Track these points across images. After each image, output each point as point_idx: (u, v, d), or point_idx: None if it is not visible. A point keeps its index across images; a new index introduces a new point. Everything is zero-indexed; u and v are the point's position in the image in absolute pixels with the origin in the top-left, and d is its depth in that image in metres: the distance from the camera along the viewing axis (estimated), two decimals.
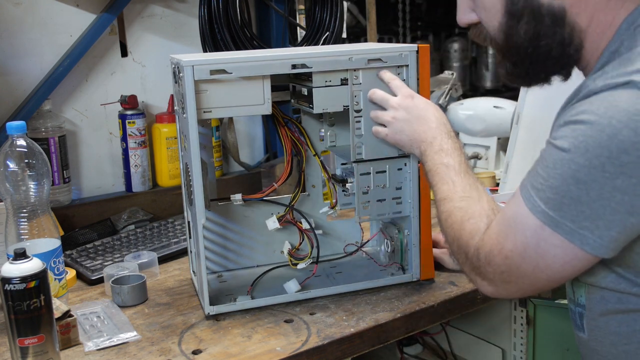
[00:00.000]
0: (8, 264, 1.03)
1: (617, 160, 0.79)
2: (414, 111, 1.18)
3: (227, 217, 1.45)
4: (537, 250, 0.87)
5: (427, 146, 1.14)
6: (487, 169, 2.14)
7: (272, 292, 1.32)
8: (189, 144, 1.19)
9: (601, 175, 0.80)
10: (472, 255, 0.96)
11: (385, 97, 1.22)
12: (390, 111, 1.21)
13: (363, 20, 3.77)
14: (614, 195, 0.80)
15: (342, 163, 1.40)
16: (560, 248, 0.85)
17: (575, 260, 0.85)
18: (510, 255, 0.90)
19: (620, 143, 0.78)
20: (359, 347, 1.18)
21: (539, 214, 0.85)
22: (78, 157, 1.82)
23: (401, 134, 1.19)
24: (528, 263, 0.88)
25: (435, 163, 1.12)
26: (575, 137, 0.81)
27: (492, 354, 1.63)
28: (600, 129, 0.79)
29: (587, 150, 0.80)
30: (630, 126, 0.78)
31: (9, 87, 1.69)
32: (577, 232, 0.83)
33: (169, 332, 1.20)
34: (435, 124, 1.16)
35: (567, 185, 0.82)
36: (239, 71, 1.18)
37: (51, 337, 1.05)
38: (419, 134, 1.16)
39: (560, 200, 0.83)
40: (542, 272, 0.88)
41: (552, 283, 0.91)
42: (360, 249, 1.49)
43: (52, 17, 1.72)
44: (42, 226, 1.28)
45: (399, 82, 1.22)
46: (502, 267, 0.91)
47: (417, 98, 1.20)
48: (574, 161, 0.81)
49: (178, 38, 1.91)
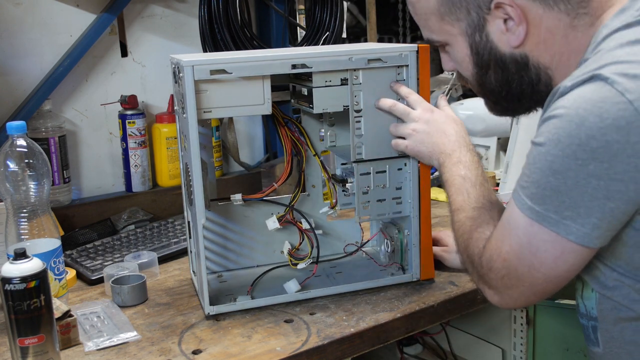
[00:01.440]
0: (8, 264, 1.03)
1: (587, 146, 0.81)
2: (434, 124, 1.21)
3: (227, 217, 1.45)
4: (530, 248, 0.89)
5: (445, 158, 1.18)
6: (487, 169, 2.13)
7: (272, 292, 1.32)
8: (189, 144, 1.19)
9: (574, 163, 0.82)
10: (477, 264, 0.99)
11: (407, 110, 1.24)
12: (410, 124, 1.23)
13: (363, 20, 3.77)
14: (589, 182, 0.82)
15: (342, 163, 1.40)
16: (549, 243, 0.87)
17: (566, 254, 0.87)
18: (508, 257, 0.92)
19: (587, 130, 0.81)
20: (359, 347, 1.18)
21: (527, 211, 0.88)
22: (78, 157, 1.82)
23: (421, 145, 1.22)
24: (524, 263, 0.90)
25: (452, 174, 1.15)
26: (549, 131, 0.85)
27: (492, 354, 1.63)
28: (569, 119, 0.83)
29: (560, 140, 0.83)
30: (594, 112, 0.81)
31: (9, 87, 1.69)
32: (561, 222, 0.85)
33: (169, 332, 1.20)
34: (454, 137, 1.19)
35: (546, 177, 0.85)
36: (239, 71, 1.18)
37: (51, 337, 1.05)
38: (439, 146, 1.20)
39: (542, 192, 0.86)
40: (538, 271, 0.90)
41: (551, 284, 0.91)
42: (360, 249, 1.49)
43: (52, 17, 1.72)
44: (42, 226, 1.28)
45: (416, 96, 1.25)
46: (502, 271, 0.93)
47: (436, 111, 1.23)
48: (549, 153, 0.85)
49: (178, 38, 1.91)
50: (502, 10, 0.95)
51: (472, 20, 0.99)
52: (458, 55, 1.04)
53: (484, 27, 0.98)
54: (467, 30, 1.00)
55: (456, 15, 1.00)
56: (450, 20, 1.01)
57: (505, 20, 0.96)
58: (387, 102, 1.25)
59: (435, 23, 1.03)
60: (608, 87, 0.81)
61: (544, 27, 0.95)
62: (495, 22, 0.97)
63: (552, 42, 0.96)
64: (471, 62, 1.03)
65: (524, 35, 0.96)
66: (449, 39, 1.03)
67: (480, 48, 1.00)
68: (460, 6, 0.98)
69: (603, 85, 0.82)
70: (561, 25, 0.94)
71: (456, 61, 1.06)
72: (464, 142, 1.19)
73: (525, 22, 0.95)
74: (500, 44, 0.98)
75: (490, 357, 1.64)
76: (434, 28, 1.04)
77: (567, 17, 0.94)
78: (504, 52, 0.99)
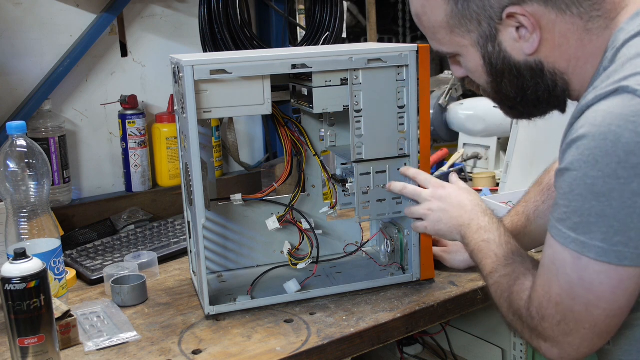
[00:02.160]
0: (8, 264, 1.03)
1: (627, 163, 0.78)
2: (447, 200, 1.22)
3: (227, 217, 1.45)
4: (582, 284, 0.84)
5: (466, 229, 1.17)
6: (487, 169, 2.14)
7: (272, 292, 1.32)
8: (189, 144, 1.19)
9: (617, 182, 0.79)
10: (526, 317, 0.93)
11: (417, 192, 1.25)
12: (424, 204, 1.24)
13: (363, 20, 3.77)
14: (636, 201, 0.79)
15: (342, 163, 1.40)
16: (603, 274, 0.82)
17: (624, 282, 0.82)
18: (560, 300, 0.87)
19: (625, 146, 0.78)
20: (359, 347, 1.18)
21: (572, 244, 0.84)
22: (78, 157, 1.82)
23: (439, 223, 1.22)
24: (579, 302, 0.85)
25: (476, 242, 1.13)
26: (581, 154, 0.81)
27: (492, 354, 1.63)
28: (602, 137, 0.79)
29: (597, 161, 0.80)
30: (630, 128, 0.78)
31: (9, 87, 1.69)
32: (612, 250, 0.81)
33: (169, 332, 1.20)
34: (470, 207, 1.19)
35: (589, 203, 0.81)
36: (239, 71, 1.18)
37: (51, 337, 1.05)
38: (457, 220, 1.19)
39: (587, 220, 0.82)
40: (597, 307, 0.84)
41: (615, 320, 0.86)
42: (360, 249, 1.49)
43: (52, 17, 1.72)
44: (42, 226, 1.28)
45: (425, 175, 1.26)
46: (556, 317, 0.88)
47: (447, 187, 1.24)
48: (588, 176, 0.81)
49: (178, 38, 1.91)
50: (515, 20, 0.92)
51: (484, 31, 0.96)
52: (470, 65, 1.01)
53: (496, 37, 0.95)
54: (479, 41, 0.97)
55: (467, 27, 0.97)
56: (460, 32, 0.98)
57: (517, 28, 0.93)
58: (397, 185, 1.27)
59: (444, 36, 1.00)
60: (638, 100, 0.78)
61: (558, 32, 0.92)
62: (507, 31, 0.94)
63: (567, 47, 0.93)
64: (485, 72, 1.00)
65: (538, 43, 0.93)
66: (460, 50, 1.00)
67: (494, 58, 0.97)
68: (471, 18, 0.95)
69: (632, 98, 0.79)
70: (575, 29, 0.92)
71: (469, 70, 1.03)
72: (479, 209, 1.18)
73: (539, 29, 0.92)
74: (513, 53, 0.95)
75: (490, 357, 1.64)
76: (443, 41, 1.01)
77: (581, 20, 0.91)
78: (518, 60, 0.96)
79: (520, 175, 1.79)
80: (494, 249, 1.09)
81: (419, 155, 1.30)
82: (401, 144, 1.29)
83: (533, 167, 1.77)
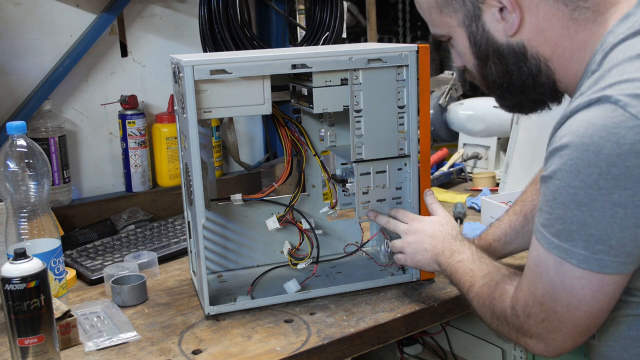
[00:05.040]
0: (8, 264, 1.03)
1: (608, 174, 0.79)
2: (422, 233, 1.25)
3: (227, 217, 1.45)
4: (564, 288, 0.86)
5: (440, 257, 1.20)
6: (487, 169, 2.14)
7: (272, 292, 1.32)
8: (189, 144, 1.19)
9: (598, 192, 0.80)
10: (511, 317, 0.95)
11: (397, 226, 1.29)
12: (403, 237, 1.27)
13: (363, 20, 3.77)
14: (617, 211, 0.80)
15: (342, 163, 1.40)
16: (584, 279, 0.84)
17: (604, 287, 0.84)
18: (544, 300, 0.89)
19: (606, 157, 0.79)
20: (359, 347, 1.18)
21: (555, 250, 0.86)
22: (78, 157, 1.82)
23: (417, 255, 1.25)
24: (561, 304, 0.87)
25: (451, 265, 1.16)
26: (564, 163, 0.82)
27: (492, 354, 1.63)
28: (584, 148, 0.80)
29: (579, 172, 0.81)
30: (611, 140, 0.79)
31: (9, 87, 1.69)
32: (593, 257, 0.83)
33: (169, 332, 1.20)
34: (441, 237, 1.22)
35: (571, 212, 0.83)
36: (239, 71, 1.18)
37: (51, 337, 1.05)
38: (431, 250, 1.22)
39: (569, 228, 0.83)
40: (578, 310, 0.86)
41: (595, 320, 0.88)
42: (360, 249, 1.49)
43: (52, 17, 1.72)
44: (42, 226, 1.28)
45: (402, 211, 1.30)
46: (540, 315, 0.90)
47: (423, 220, 1.26)
48: (570, 185, 0.82)
49: (178, 38, 1.91)
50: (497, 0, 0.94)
51: (468, 10, 0.98)
52: (460, 47, 1.04)
53: (479, 17, 0.98)
54: (465, 21, 0.99)
55: (453, 6, 0.99)
56: (448, 12, 1.01)
57: (500, 9, 0.95)
58: (382, 219, 1.30)
59: (436, 16, 1.03)
60: (621, 111, 0.79)
61: (542, 15, 0.93)
62: (490, 12, 0.96)
63: (551, 33, 0.94)
64: (472, 54, 1.02)
65: (518, 23, 0.94)
66: (450, 31, 1.03)
67: (478, 38, 0.99)
68: None
69: (615, 109, 0.79)
70: (560, 15, 0.93)
71: (460, 54, 1.05)
72: (450, 237, 1.21)
73: (519, 8, 0.94)
74: (496, 34, 0.97)
75: (490, 357, 1.64)
76: (436, 22, 1.04)
77: (566, 8, 0.92)
78: (501, 42, 0.97)
79: (520, 175, 1.79)
80: (469, 265, 1.12)
81: (419, 155, 1.30)
82: (401, 144, 1.29)
83: (533, 167, 1.77)
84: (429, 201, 1.30)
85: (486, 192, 1.85)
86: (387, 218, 1.30)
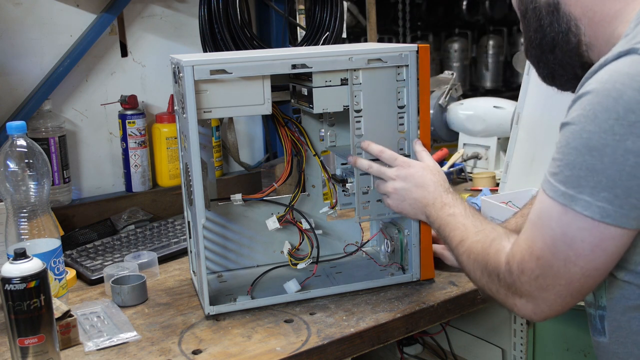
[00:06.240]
0: (8, 264, 1.03)
1: (625, 120, 0.80)
2: (411, 180, 1.23)
3: (227, 217, 1.45)
4: (564, 239, 0.86)
5: (430, 208, 1.19)
6: (487, 169, 2.14)
7: (272, 292, 1.32)
8: (189, 144, 1.19)
9: (612, 138, 0.80)
10: (504, 273, 0.94)
11: (382, 170, 1.25)
12: (389, 183, 1.25)
13: (363, 20, 3.77)
14: (628, 159, 0.80)
15: (342, 163, 1.40)
16: (586, 230, 0.84)
17: (604, 241, 0.84)
18: (541, 254, 0.88)
19: (625, 103, 0.80)
20: (359, 347, 1.18)
21: (560, 197, 0.85)
22: (78, 157, 1.82)
23: (403, 203, 1.24)
24: (559, 257, 0.87)
25: (442, 217, 1.15)
26: (583, 108, 0.83)
27: (492, 354, 1.63)
28: (605, 94, 0.81)
29: (596, 116, 0.81)
30: (633, 87, 0.80)
31: (9, 87, 1.69)
32: (596, 204, 0.82)
33: (169, 332, 1.20)
34: (432, 187, 1.21)
35: (582, 156, 0.83)
36: (239, 71, 1.18)
37: (51, 337, 1.05)
38: (420, 200, 1.21)
39: (577, 174, 0.83)
40: (575, 265, 0.86)
41: (589, 280, 0.87)
42: (360, 249, 1.49)
43: (52, 17, 1.72)
44: (42, 226, 1.28)
45: (389, 152, 1.26)
46: (536, 271, 0.89)
47: (412, 166, 1.24)
48: (585, 130, 0.82)
49: (178, 38, 1.91)
50: None
51: None
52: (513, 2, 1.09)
53: None
54: None
55: None
56: None
57: None
58: (364, 163, 1.26)
59: None
60: None
61: None
62: None
63: None
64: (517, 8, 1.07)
65: None
66: None
67: None
68: None
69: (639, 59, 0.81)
70: None
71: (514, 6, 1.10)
72: (442, 188, 1.20)
73: None
74: None
75: (490, 357, 1.64)
76: None
77: None
78: None
79: (520, 175, 1.79)
80: (461, 220, 1.11)
81: None
82: (401, 144, 1.29)
83: (533, 167, 1.77)
84: (418, 149, 1.28)
85: (486, 192, 1.85)
86: (368, 162, 1.26)
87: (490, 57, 5.67)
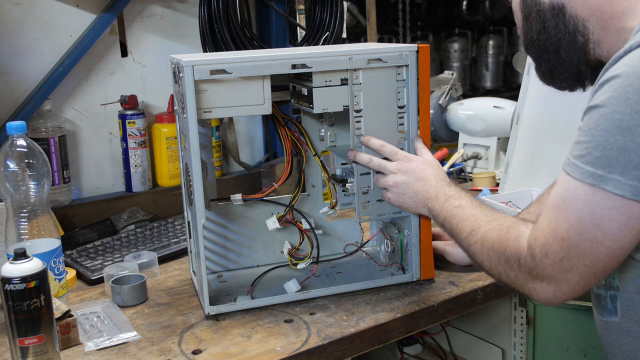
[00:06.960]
0: (8, 264, 1.03)
1: None
2: (412, 174, 1.23)
3: (227, 217, 1.45)
4: (592, 219, 0.86)
5: (433, 202, 1.19)
6: (487, 169, 2.14)
7: (272, 292, 1.32)
8: (189, 144, 1.19)
9: None
10: (525, 257, 0.94)
11: (383, 164, 1.25)
12: (390, 176, 1.25)
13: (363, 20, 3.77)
14: None
15: (342, 163, 1.40)
16: (614, 209, 0.84)
17: (632, 219, 0.84)
18: (567, 235, 0.88)
19: None
20: (359, 347, 1.18)
21: (589, 178, 0.85)
22: (78, 157, 1.82)
23: (404, 196, 1.24)
24: (585, 238, 0.87)
25: (447, 210, 1.15)
26: (613, 91, 0.84)
27: (492, 354, 1.63)
28: (636, 77, 0.83)
29: (628, 98, 0.83)
30: None
31: (9, 87, 1.69)
32: (627, 183, 0.83)
33: (169, 332, 1.20)
34: (434, 181, 1.21)
35: (613, 137, 0.84)
36: (239, 71, 1.18)
37: (51, 337, 1.05)
38: (421, 194, 1.21)
39: (608, 154, 0.84)
40: (602, 245, 0.86)
41: (613, 260, 0.88)
42: (360, 249, 1.49)
43: (52, 17, 1.72)
44: (42, 226, 1.28)
45: (390, 147, 1.26)
46: (560, 253, 0.89)
47: (413, 160, 1.24)
48: (616, 111, 0.83)
49: (178, 38, 1.91)
50: None
51: None
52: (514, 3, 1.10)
53: None
54: None
55: None
56: None
57: None
58: (364, 157, 1.26)
59: None
60: None
61: None
62: None
63: None
64: (520, 9, 1.08)
65: None
66: None
67: None
68: None
69: None
70: None
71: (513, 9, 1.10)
72: (443, 182, 1.20)
73: None
74: None
75: (490, 357, 1.64)
76: None
77: None
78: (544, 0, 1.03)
79: (520, 175, 1.79)
80: (469, 211, 1.11)
81: None
82: (401, 144, 1.29)
83: (533, 167, 1.77)
84: (419, 146, 1.28)
85: (486, 192, 1.85)
86: (368, 156, 1.26)
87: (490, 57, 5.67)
